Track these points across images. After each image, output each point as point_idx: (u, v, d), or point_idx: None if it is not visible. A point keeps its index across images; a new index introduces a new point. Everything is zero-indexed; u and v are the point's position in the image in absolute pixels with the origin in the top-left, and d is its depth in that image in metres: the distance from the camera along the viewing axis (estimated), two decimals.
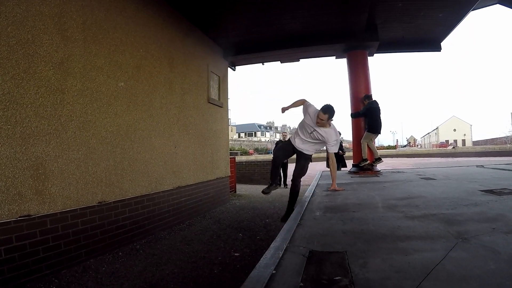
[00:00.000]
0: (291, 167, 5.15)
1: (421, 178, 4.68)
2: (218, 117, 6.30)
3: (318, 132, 3.43)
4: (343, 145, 8.91)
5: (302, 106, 3.58)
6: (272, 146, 10.67)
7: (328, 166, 4.42)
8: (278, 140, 10.12)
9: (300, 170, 3.62)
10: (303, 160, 3.63)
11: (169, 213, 4.44)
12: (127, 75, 3.70)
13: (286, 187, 9.39)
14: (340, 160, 8.39)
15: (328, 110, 3.28)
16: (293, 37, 6.04)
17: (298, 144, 3.59)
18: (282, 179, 9.28)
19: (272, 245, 1.79)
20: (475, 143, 58.39)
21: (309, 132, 3.49)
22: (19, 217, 2.46)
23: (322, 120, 3.31)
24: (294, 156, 3.76)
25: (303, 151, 3.60)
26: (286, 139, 9.85)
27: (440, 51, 6.75)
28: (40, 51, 2.67)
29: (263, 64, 7.60)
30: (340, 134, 8.60)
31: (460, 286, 1.15)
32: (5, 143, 2.40)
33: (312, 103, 3.55)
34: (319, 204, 3.04)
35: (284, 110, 3.65)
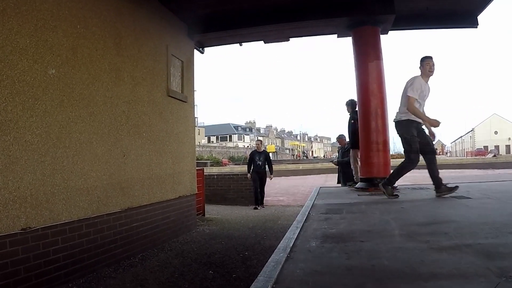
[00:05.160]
0: (286, 179, 5.30)
1: (451, 197, 4.74)
2: (181, 115, 6.51)
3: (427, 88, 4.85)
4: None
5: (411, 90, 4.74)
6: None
7: None
8: (253, 150, 10.86)
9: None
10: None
11: (116, 244, 4.56)
12: (59, 60, 3.84)
13: (263, 207, 9.85)
14: None
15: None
16: (281, 8, 6.29)
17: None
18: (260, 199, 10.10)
19: (252, 286, 1.86)
20: None
21: (425, 94, 4.81)
22: None
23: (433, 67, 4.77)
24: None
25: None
26: (261, 149, 10.48)
27: (476, 27, 6.87)
28: None
29: (241, 45, 7.87)
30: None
31: None
32: None
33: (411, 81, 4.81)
34: (316, 232, 3.11)
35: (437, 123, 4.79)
